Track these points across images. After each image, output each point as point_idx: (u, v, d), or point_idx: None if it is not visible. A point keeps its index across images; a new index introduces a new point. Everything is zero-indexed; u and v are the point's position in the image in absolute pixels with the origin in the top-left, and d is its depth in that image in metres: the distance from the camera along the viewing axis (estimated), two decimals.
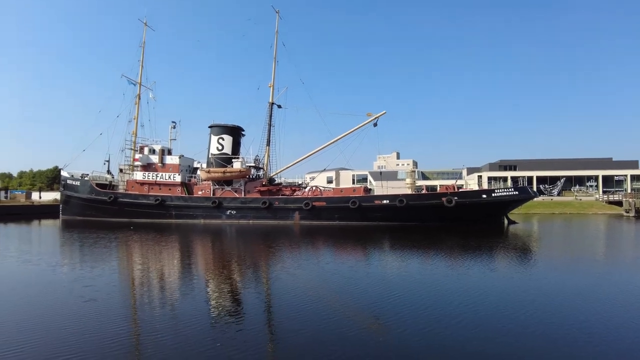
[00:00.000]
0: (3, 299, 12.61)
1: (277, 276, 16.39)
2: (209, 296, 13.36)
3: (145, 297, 13.07)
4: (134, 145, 53.70)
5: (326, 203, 45.49)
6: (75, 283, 14.49)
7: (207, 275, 16.84)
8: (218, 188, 49.39)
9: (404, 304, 11.71)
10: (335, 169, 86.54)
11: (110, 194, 49.79)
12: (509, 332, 9.29)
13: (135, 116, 54.68)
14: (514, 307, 11.35)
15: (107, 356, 7.87)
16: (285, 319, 10.49)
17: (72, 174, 53.14)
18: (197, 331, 9.38)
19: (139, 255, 22.72)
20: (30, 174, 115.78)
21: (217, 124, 51.76)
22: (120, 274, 17.26)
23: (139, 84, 55.40)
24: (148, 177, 50.95)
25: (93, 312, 10.90)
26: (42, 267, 18.06)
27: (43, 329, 9.49)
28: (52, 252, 24.41)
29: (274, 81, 52.62)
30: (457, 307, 11.34)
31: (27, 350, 8.12)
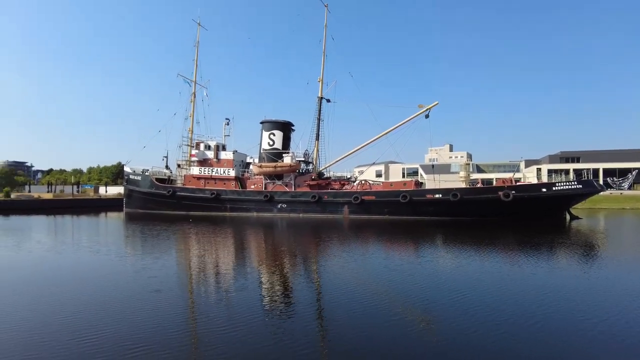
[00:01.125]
0: (82, 287, 13.74)
1: (327, 269, 16.59)
2: (261, 288, 13.79)
3: (203, 289, 13.70)
4: (190, 142, 56.16)
5: (375, 197, 45.16)
6: (140, 274, 15.48)
7: (260, 267, 17.37)
8: (269, 182, 50.55)
9: (459, 302, 11.42)
10: (384, 163, 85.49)
11: (169, 188, 52.48)
12: (596, 340, 8.81)
13: (191, 113, 57.18)
14: (594, 311, 10.68)
15: (169, 346, 8.39)
16: (335, 313, 10.59)
17: (134, 170, 56.55)
18: (250, 323, 9.70)
19: (199, 247, 23.81)
20: (98, 170, 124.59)
21: (268, 120, 52.89)
22: (181, 265, 18.22)
23: (194, 83, 57.79)
24: (204, 171, 53.14)
25: (158, 302, 11.63)
26: (111, 257, 19.49)
27: (117, 317, 10.25)
28: (119, 243, 26.23)
29: (323, 75, 52.84)
30: (522, 308, 10.88)
31: (106, 336, 8.83)
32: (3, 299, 11.93)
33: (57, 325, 9.46)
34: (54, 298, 11.93)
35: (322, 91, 52.64)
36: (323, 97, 52.60)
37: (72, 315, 10.14)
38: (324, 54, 52.84)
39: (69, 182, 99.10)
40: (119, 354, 7.71)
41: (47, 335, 8.81)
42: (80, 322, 9.60)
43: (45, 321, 9.76)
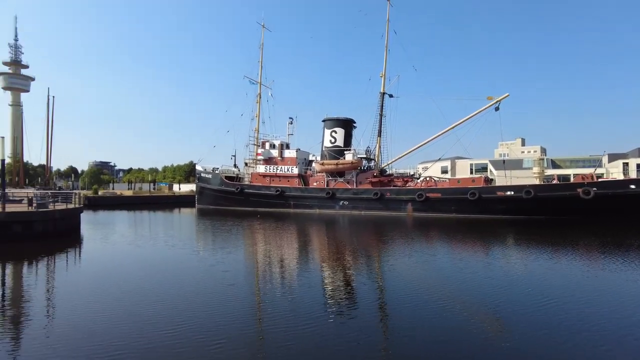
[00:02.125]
0: (162, 280, 14.79)
1: (391, 268, 16.38)
2: (324, 284, 13.98)
3: (271, 284, 14.13)
4: (256, 141, 58.16)
5: (441, 194, 43.75)
6: (215, 267, 16.32)
7: (323, 263, 17.57)
8: (331, 179, 50.91)
9: (533, 306, 10.74)
10: (450, 159, 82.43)
11: (237, 186, 54.76)
12: None
13: (257, 114, 59.19)
14: None
15: (240, 339, 8.76)
16: (399, 313, 10.43)
17: (205, 168, 59.66)
18: (314, 320, 9.84)
19: (266, 242, 24.59)
20: (172, 169, 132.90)
21: (330, 117, 53.23)
22: (251, 260, 18.92)
23: (259, 84, 59.66)
24: (269, 169, 54.79)
25: (232, 296, 12.21)
26: (187, 251, 20.73)
27: (195, 309, 10.89)
28: (193, 238, 27.84)
29: (385, 70, 52.16)
30: (602, 316, 10.01)
31: (188, 328, 9.43)
32: (91, 290, 13.17)
33: (139, 316, 10.24)
34: (137, 290, 12.93)
35: (384, 86, 52.01)
36: (385, 92, 51.91)
37: (154, 307, 10.90)
38: (386, 48, 52.13)
39: (146, 180, 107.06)
40: (196, 346, 8.19)
41: (131, 325, 9.58)
42: (161, 314, 10.30)
43: (130, 311, 10.61)
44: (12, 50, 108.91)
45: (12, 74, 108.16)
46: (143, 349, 7.93)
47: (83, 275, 15.59)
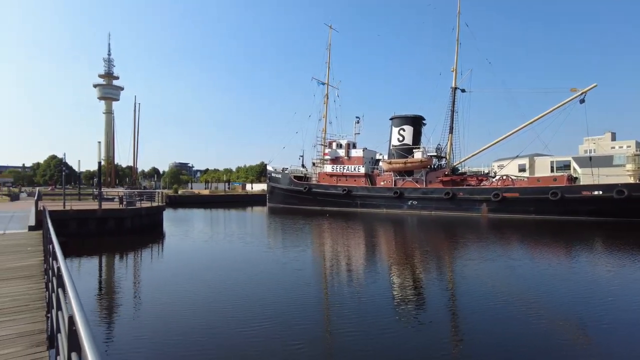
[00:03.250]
0: (240, 275, 15.52)
1: (462, 271, 15.69)
2: (392, 284, 13.77)
3: (342, 284, 14.22)
4: (323, 141, 58.80)
5: (519, 194, 41.04)
6: (289, 265, 16.72)
7: (391, 264, 17.29)
8: (399, 178, 49.96)
9: (621, 315, 9.69)
10: (529, 156, 77.06)
11: (305, 185, 55.80)
12: None
13: (324, 114, 59.81)
14: None
15: (311, 339, 8.90)
16: (470, 317, 9.96)
17: (275, 168, 61.52)
18: (382, 321, 9.73)
19: (335, 242, 24.76)
20: (244, 169, 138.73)
21: (398, 115, 52.25)
22: (322, 259, 19.09)
23: (327, 85, 60.25)
24: (336, 169, 55.12)
25: (304, 294, 12.50)
26: (261, 249, 21.38)
27: (268, 305, 11.32)
28: (267, 235, 28.80)
29: (456, 65, 50.06)
30: None
31: (261, 323, 9.82)
32: (171, 282, 14.15)
33: (215, 309, 10.83)
34: (214, 285, 13.67)
35: (455, 81, 49.94)
36: (457, 87, 49.83)
37: (230, 302, 11.46)
38: (457, 42, 49.99)
39: (221, 180, 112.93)
40: (267, 342, 8.48)
41: (207, 316, 10.17)
42: (236, 308, 10.80)
43: (207, 304, 11.27)
44: (106, 63, 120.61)
45: (106, 85, 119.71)
46: (217, 340, 8.37)
47: (165, 268, 16.84)
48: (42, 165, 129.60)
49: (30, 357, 4.21)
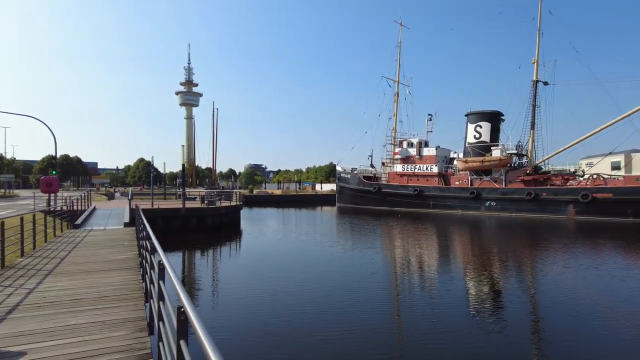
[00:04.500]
0: (314, 275, 15.82)
1: (545, 279, 14.52)
2: (467, 288, 13.18)
3: (415, 289, 13.93)
4: (393, 140, 57.86)
5: (613, 194, 37.17)
6: (365, 268, 16.67)
7: (467, 268, 16.52)
8: (476, 178, 47.63)
9: None
10: (624, 152, 69.66)
11: (374, 185, 55.31)
12: None
13: (395, 113, 58.83)
14: None
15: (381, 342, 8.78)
16: (549, 330, 9.15)
17: (344, 168, 61.71)
18: (454, 327, 9.37)
19: (408, 244, 24.26)
20: (314, 170, 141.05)
21: (474, 111, 49.88)
22: (395, 262, 18.76)
23: (397, 82, 59.20)
24: (407, 168, 53.96)
25: (377, 298, 12.41)
26: (334, 249, 21.37)
27: (341, 306, 11.40)
28: (339, 235, 28.97)
29: (538, 56, 46.62)
30: None
31: (341, 322, 9.93)
32: (248, 278, 14.75)
33: (295, 311, 11.09)
34: (289, 282, 14.04)
35: (537, 73, 46.51)
36: (539, 79, 46.38)
37: (304, 300, 11.74)
38: (539, 31, 46.49)
39: (292, 180, 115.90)
40: (340, 343, 8.52)
41: (282, 313, 10.46)
42: (310, 307, 11.02)
43: (282, 300, 11.62)
44: (186, 72, 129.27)
45: (187, 92, 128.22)
46: (291, 337, 8.58)
47: (244, 263, 17.68)
48: (132, 168, 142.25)
49: (134, 341, 4.62)
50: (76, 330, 5.02)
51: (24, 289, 7.05)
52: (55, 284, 7.47)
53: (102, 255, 10.82)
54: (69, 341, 4.66)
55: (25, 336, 4.81)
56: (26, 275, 8.17)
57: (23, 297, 6.55)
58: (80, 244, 12.79)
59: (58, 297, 6.58)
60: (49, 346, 4.49)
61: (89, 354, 4.28)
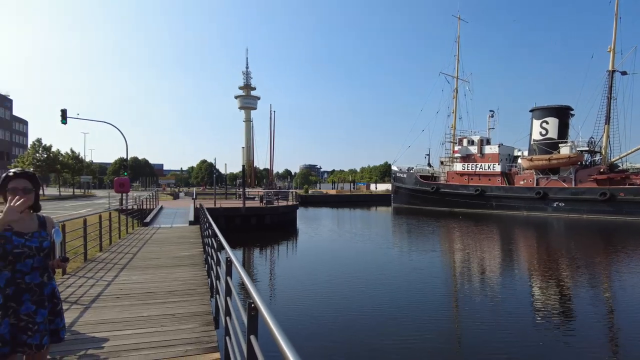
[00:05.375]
0: (371, 277, 15.69)
1: (622, 288, 13.26)
2: (532, 293, 12.50)
3: (473, 293, 13.42)
4: (453, 138, 55.99)
5: None
6: (427, 271, 16.23)
7: (531, 271, 15.58)
8: (542, 177, 44.81)
9: None
10: None
11: (432, 185, 53.79)
12: None
13: (454, 110, 56.86)
14: None
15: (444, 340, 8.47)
16: (631, 347, 8.31)
17: (400, 168, 60.57)
18: (517, 325, 8.94)
19: (472, 247, 23.31)
20: (368, 169, 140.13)
21: (540, 106, 46.97)
22: (458, 266, 17.98)
23: (456, 78, 57.18)
24: (467, 167, 51.94)
25: (436, 302, 12.13)
26: (393, 251, 20.95)
27: (398, 309, 11.22)
28: (395, 236, 28.56)
29: (614, 43, 42.94)
30: None
31: (400, 325, 9.80)
32: (305, 276, 14.91)
33: (346, 308, 11.09)
34: (346, 283, 14.02)
35: (613, 63, 42.86)
36: (615, 69, 42.71)
37: (362, 303, 11.67)
38: (616, 16, 42.77)
39: (346, 180, 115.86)
40: (395, 347, 8.36)
41: (339, 313, 10.44)
42: (368, 308, 10.95)
43: (337, 301, 11.62)
44: (244, 76, 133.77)
45: (245, 96, 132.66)
46: (353, 338, 8.54)
47: (300, 262, 17.92)
48: (195, 169, 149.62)
49: (202, 334, 4.82)
50: (149, 321, 5.33)
51: (103, 281, 7.62)
52: (129, 278, 8.01)
53: (169, 251, 11.46)
54: (143, 331, 4.96)
55: (106, 324, 5.19)
56: (104, 269, 8.84)
57: (103, 288, 7.08)
58: (150, 241, 13.63)
59: (132, 289, 7.05)
60: (126, 335, 4.81)
61: (161, 344, 4.52)
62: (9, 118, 76.25)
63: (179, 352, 4.30)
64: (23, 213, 2.61)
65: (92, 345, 4.45)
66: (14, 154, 72.48)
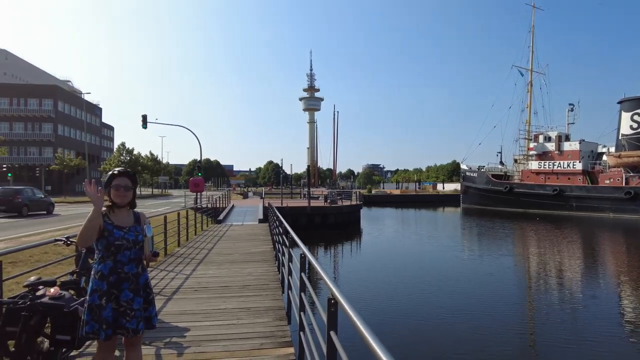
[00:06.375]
0: (441, 281, 15.23)
1: None
2: (622, 307, 11.20)
3: (550, 302, 12.42)
4: (527, 134, 52.53)
5: None
6: (496, 277, 15.40)
7: (622, 281, 14.01)
8: (633, 176, 40.50)
9: None
10: None
11: (505, 184, 50.79)
12: None
13: (528, 104, 53.30)
14: None
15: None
16: None
17: (470, 167, 57.89)
18: (600, 337, 8.09)
19: (553, 253, 21.32)
20: (435, 168, 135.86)
21: (630, 97, 42.57)
22: (537, 272, 16.46)
23: (530, 71, 53.56)
24: (544, 165, 48.45)
25: (508, 313, 11.40)
26: (465, 254, 20.01)
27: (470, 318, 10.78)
28: (466, 239, 27.25)
29: None
30: None
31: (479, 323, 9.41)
32: (370, 276, 14.76)
33: (428, 320, 10.78)
34: (415, 287, 13.68)
35: None
36: None
37: (431, 307, 11.34)
38: None
39: (411, 180, 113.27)
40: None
41: (421, 325, 10.20)
42: (451, 323, 10.52)
43: (405, 305, 11.37)
44: (308, 78, 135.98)
45: (309, 98, 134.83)
46: (432, 342, 8.31)
47: (365, 261, 17.81)
48: (262, 170, 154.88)
49: (275, 329, 4.95)
50: (226, 314, 5.58)
51: (182, 275, 8.12)
52: (206, 272, 8.46)
53: (242, 247, 11.95)
54: (221, 323, 5.20)
55: (187, 315, 5.52)
56: (183, 263, 9.42)
57: (182, 281, 7.55)
58: (223, 237, 14.31)
59: (209, 283, 7.44)
60: (205, 325, 5.08)
61: (238, 336, 4.71)
62: (98, 125, 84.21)
63: (254, 344, 4.45)
64: (122, 209, 2.87)
65: (175, 333, 4.76)
66: (102, 157, 79.96)
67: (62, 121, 66.20)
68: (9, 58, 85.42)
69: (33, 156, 62.93)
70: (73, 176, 62.37)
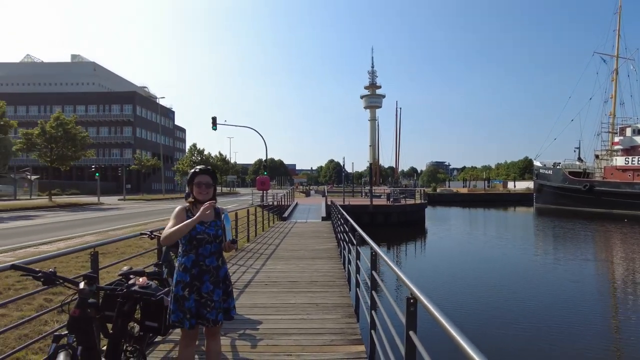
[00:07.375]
0: (526, 288, 14.25)
1: None
2: None
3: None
4: (612, 128, 48.00)
5: None
6: (580, 284, 14.35)
7: None
8: None
9: None
10: None
11: (585, 182, 46.78)
12: None
13: (613, 94, 48.66)
14: None
15: None
16: None
17: (544, 164, 54.02)
18: None
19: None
20: (505, 166, 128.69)
21: None
22: (622, 278, 15.17)
23: (616, 57, 48.80)
24: (632, 162, 43.91)
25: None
26: (542, 258, 18.66)
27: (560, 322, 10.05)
28: (540, 241, 25.29)
29: None
30: None
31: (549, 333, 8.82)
32: (435, 277, 14.28)
33: (505, 328, 10.26)
34: (484, 291, 13.05)
35: None
36: None
37: (519, 322, 10.71)
38: None
39: (480, 178, 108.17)
40: None
41: (500, 334, 9.74)
42: (529, 333, 9.99)
43: (472, 307, 10.86)
44: (370, 75, 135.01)
45: (371, 95, 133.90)
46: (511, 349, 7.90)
47: (432, 262, 17.30)
48: (324, 168, 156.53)
49: (345, 326, 4.95)
50: (296, 308, 5.69)
51: (252, 269, 8.41)
52: (274, 267, 8.70)
53: (307, 244, 12.15)
54: (291, 317, 5.31)
55: (259, 308, 5.70)
56: (253, 258, 9.76)
57: (253, 275, 7.82)
58: (289, 234, 14.64)
59: (279, 278, 7.64)
60: (276, 319, 5.21)
61: (309, 331, 4.77)
62: (171, 127, 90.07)
63: (325, 340, 4.48)
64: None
65: (249, 326, 4.93)
66: (175, 157, 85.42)
67: (140, 124, 71.86)
68: (97, 69, 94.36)
69: (116, 157, 69.02)
70: (149, 175, 67.42)
